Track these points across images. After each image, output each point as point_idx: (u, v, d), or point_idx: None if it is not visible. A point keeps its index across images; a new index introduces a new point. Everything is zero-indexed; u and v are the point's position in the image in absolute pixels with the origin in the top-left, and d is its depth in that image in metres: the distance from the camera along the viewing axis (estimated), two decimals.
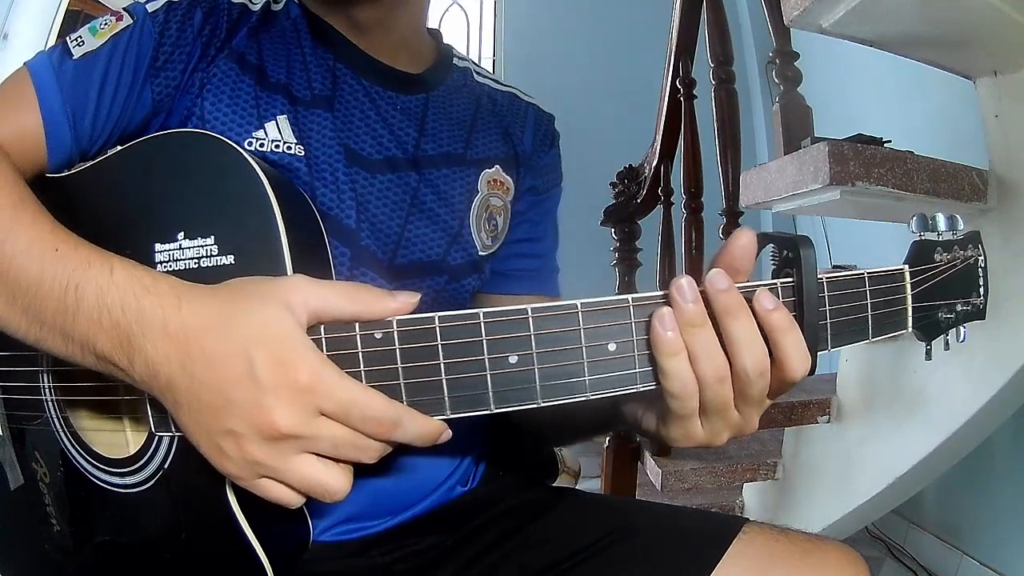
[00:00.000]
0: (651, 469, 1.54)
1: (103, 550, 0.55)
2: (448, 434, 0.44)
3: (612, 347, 0.43)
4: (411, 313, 0.43)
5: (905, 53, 1.18)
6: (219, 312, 0.41)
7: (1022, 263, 1.09)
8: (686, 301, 0.42)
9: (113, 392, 0.51)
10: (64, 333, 0.44)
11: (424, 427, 0.43)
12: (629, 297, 0.43)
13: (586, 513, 0.67)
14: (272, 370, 0.40)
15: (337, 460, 0.42)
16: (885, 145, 1.12)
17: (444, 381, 0.43)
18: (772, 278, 0.46)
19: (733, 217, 1.56)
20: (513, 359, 0.42)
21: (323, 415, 0.41)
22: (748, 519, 0.63)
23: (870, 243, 1.98)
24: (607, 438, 1.70)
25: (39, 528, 0.59)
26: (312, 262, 0.50)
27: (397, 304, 0.43)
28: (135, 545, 0.53)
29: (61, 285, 0.44)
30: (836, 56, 2.18)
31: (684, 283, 0.42)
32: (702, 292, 0.42)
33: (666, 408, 0.45)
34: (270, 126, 0.59)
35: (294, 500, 0.42)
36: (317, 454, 0.41)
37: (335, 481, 0.42)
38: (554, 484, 0.77)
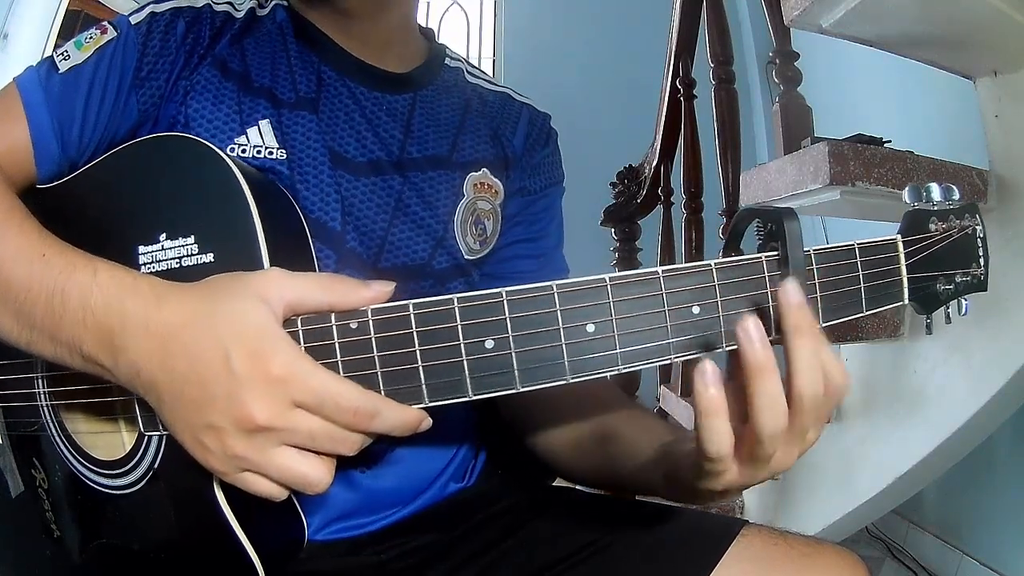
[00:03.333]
0: None
1: (102, 554, 0.55)
2: (428, 422, 0.44)
3: (591, 328, 0.42)
4: (387, 302, 0.43)
5: (905, 53, 1.18)
6: (196, 308, 0.42)
7: (1022, 263, 1.08)
8: (755, 346, 0.38)
9: (106, 394, 0.52)
10: (52, 336, 0.45)
11: (402, 416, 0.43)
12: (606, 277, 0.42)
13: (584, 513, 0.66)
14: (246, 362, 0.40)
15: (318, 453, 0.42)
16: (885, 145, 1.12)
17: (421, 368, 0.42)
18: (757, 252, 0.44)
19: (733, 217, 1.55)
20: (489, 344, 0.42)
21: (299, 407, 0.41)
22: (747, 521, 0.62)
23: None
24: None
25: (40, 534, 0.59)
26: (294, 260, 0.50)
27: (372, 293, 0.43)
28: (132, 547, 0.53)
29: (48, 289, 0.45)
30: (836, 56, 2.17)
31: (751, 325, 0.38)
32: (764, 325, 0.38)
33: (699, 467, 0.42)
34: (252, 131, 0.60)
35: (277, 493, 0.43)
36: (297, 447, 0.42)
37: (314, 473, 0.42)
38: (554, 483, 0.77)
